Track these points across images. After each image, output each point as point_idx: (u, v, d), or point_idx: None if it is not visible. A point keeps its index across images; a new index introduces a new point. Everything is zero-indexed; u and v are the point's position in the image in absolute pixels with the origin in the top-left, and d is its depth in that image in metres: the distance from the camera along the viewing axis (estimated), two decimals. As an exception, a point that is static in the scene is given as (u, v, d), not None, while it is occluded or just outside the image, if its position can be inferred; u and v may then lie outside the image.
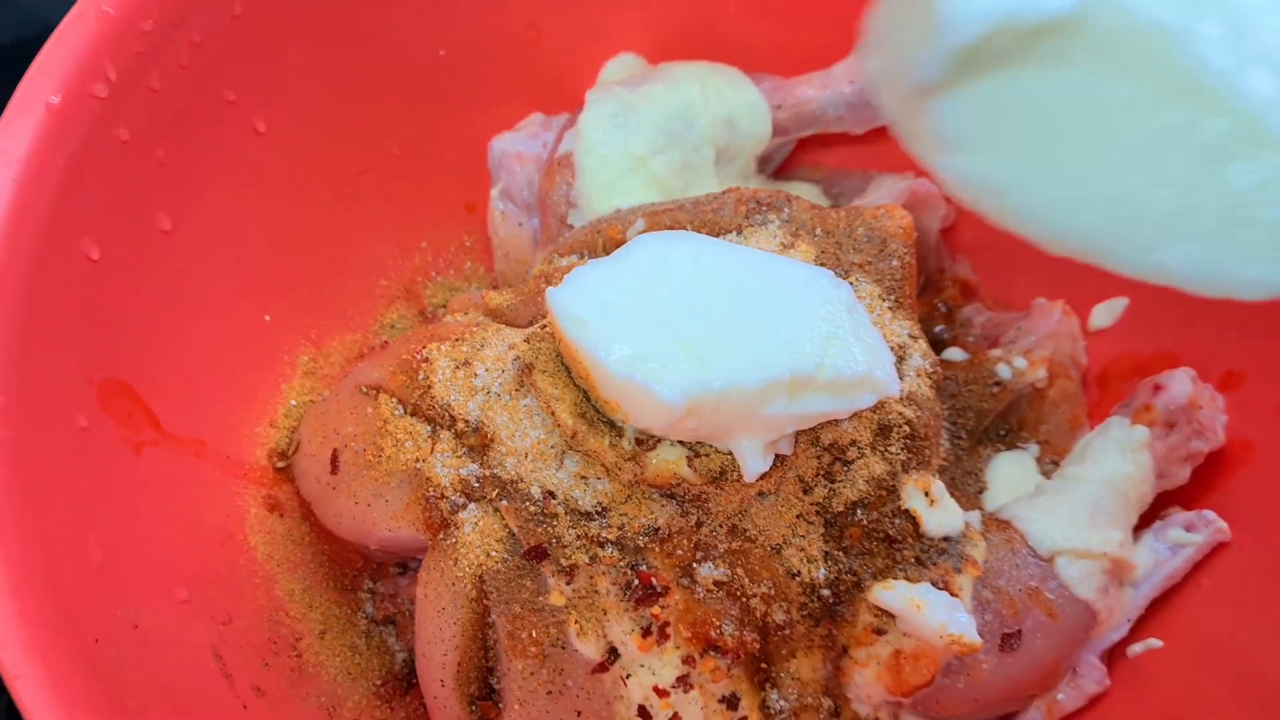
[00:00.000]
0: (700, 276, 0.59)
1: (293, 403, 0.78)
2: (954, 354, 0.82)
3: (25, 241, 0.58)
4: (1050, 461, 0.77)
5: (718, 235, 0.73)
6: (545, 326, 0.68)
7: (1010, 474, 0.76)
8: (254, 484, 0.73)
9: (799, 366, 0.57)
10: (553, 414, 0.62)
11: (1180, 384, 0.72)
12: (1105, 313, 0.82)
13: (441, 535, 0.65)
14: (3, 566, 0.50)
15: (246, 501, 0.73)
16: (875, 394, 0.60)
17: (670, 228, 0.74)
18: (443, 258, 0.88)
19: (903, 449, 0.65)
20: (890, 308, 0.69)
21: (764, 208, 0.73)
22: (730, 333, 0.58)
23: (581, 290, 0.60)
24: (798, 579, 0.62)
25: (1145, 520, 0.72)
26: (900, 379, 0.64)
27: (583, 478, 0.62)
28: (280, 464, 0.75)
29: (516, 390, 0.65)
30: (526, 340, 0.67)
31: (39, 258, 0.59)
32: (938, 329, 0.85)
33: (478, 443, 0.66)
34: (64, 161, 0.61)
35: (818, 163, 0.91)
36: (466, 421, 0.66)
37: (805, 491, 0.62)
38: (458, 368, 0.69)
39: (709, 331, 0.58)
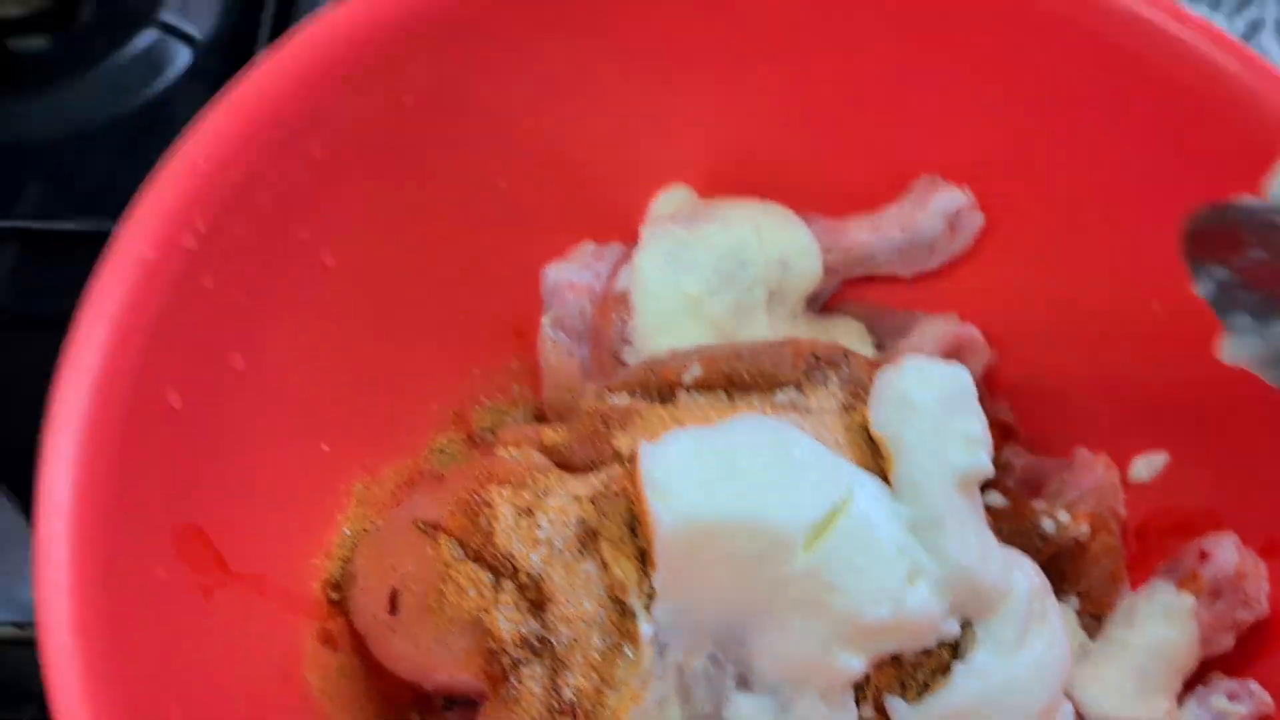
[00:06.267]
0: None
1: (346, 531, 0.79)
2: (994, 498, 0.83)
3: (117, 400, 0.59)
4: (1090, 616, 0.78)
5: (775, 389, 0.74)
6: (610, 484, 0.69)
7: (1052, 628, 0.77)
8: (310, 617, 0.74)
9: (877, 613, 0.59)
10: (610, 589, 0.63)
11: (1227, 552, 0.73)
12: (1145, 466, 0.83)
13: (503, 688, 0.66)
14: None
15: (303, 636, 0.73)
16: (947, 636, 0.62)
17: (728, 376, 0.75)
18: (493, 382, 0.89)
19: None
20: (949, 473, 0.70)
21: (822, 363, 0.74)
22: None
23: (672, 460, 0.62)
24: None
25: (1188, 685, 0.73)
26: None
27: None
28: (334, 595, 0.76)
29: (579, 552, 0.66)
30: (593, 500, 0.67)
31: (128, 415, 0.59)
32: (977, 471, 0.86)
33: (537, 597, 0.66)
34: (154, 314, 0.62)
35: (861, 298, 0.93)
36: (529, 574, 0.67)
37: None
38: (520, 515, 0.69)
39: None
